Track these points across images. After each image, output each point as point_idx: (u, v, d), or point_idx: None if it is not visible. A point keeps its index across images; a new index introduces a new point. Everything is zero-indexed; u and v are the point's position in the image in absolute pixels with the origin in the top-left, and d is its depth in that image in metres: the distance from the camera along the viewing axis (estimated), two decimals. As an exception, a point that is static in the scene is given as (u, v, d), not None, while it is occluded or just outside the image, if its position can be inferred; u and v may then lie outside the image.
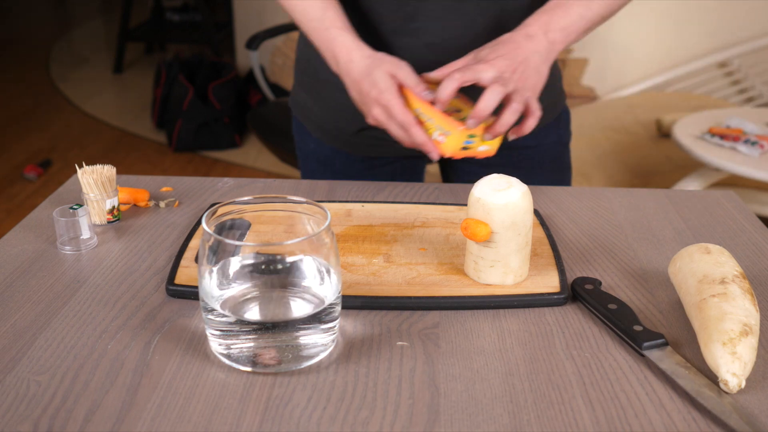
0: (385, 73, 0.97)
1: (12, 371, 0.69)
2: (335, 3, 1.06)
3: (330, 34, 1.03)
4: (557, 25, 1.01)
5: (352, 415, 0.63)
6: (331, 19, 1.04)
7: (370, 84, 0.98)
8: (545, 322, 0.77)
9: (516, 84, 0.96)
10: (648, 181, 2.76)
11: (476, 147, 0.99)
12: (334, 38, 1.02)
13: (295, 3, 1.07)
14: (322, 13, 1.04)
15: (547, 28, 1.00)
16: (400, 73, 0.97)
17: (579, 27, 1.03)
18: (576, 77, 3.70)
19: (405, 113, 0.96)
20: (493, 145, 1.00)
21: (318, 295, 0.70)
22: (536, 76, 0.99)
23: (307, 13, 1.06)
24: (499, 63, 0.96)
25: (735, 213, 1.03)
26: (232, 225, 0.77)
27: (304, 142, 1.29)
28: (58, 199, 1.05)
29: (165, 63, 3.77)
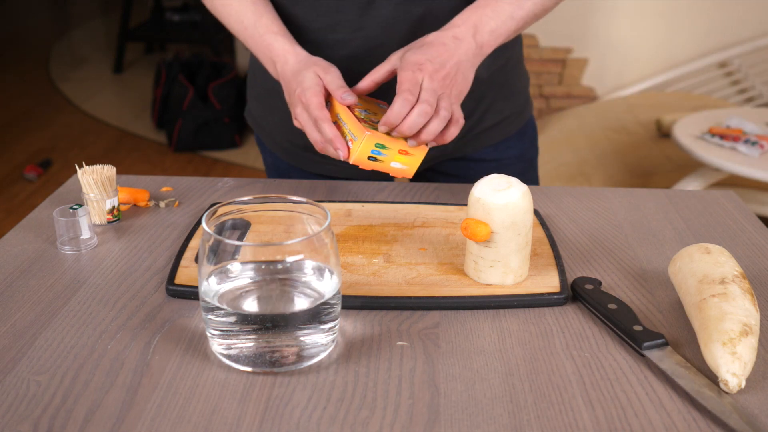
0: (313, 74, 0.95)
1: (12, 371, 0.69)
2: (269, 8, 1.04)
3: (266, 40, 1.01)
4: (486, 27, 0.96)
5: (352, 415, 0.63)
6: (266, 25, 1.02)
7: (297, 83, 0.96)
8: (545, 322, 0.77)
9: (443, 90, 0.91)
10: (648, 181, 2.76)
11: (388, 162, 0.93)
12: (271, 44, 1.01)
13: (229, 12, 1.05)
14: (256, 20, 1.02)
15: (476, 30, 0.95)
16: (327, 77, 0.95)
17: (509, 28, 0.98)
18: (576, 77, 3.70)
19: (321, 110, 0.93)
20: (409, 164, 0.93)
21: (317, 290, 0.70)
22: (463, 82, 0.94)
23: (241, 22, 1.04)
24: (428, 67, 0.90)
25: (735, 213, 1.03)
26: (232, 225, 0.77)
27: (264, 153, 1.27)
28: (58, 199, 1.05)
29: (165, 63, 3.77)
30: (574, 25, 3.60)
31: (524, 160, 1.23)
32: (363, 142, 0.90)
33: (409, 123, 0.88)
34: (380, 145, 0.91)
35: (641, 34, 3.61)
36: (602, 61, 3.67)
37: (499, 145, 1.19)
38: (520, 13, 0.98)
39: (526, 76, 1.24)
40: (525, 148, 1.23)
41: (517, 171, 1.21)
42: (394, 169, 0.93)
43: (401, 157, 0.92)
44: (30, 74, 4.80)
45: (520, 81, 1.21)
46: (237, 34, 1.07)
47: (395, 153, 0.92)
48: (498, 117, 1.16)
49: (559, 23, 3.59)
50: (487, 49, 0.97)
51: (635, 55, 3.65)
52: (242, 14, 1.03)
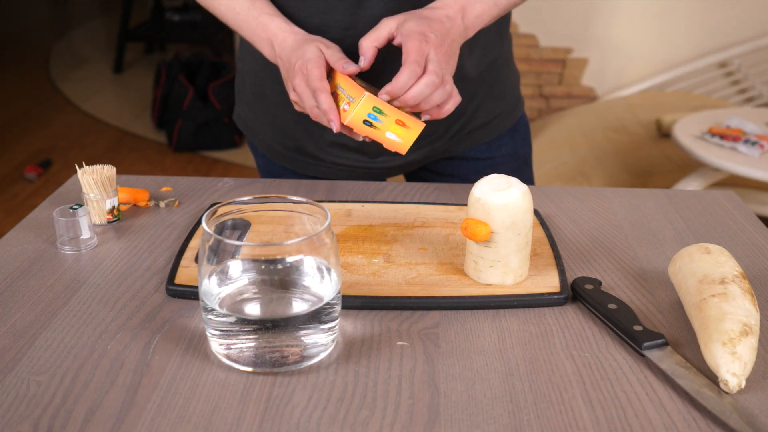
0: (315, 47, 0.95)
1: (12, 371, 0.69)
2: None
3: (262, 21, 1.01)
4: (473, 12, 0.96)
5: (352, 415, 0.63)
6: (260, 7, 1.01)
7: (297, 56, 0.95)
8: (545, 322, 0.77)
9: (445, 65, 0.91)
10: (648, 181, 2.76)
11: (384, 130, 0.90)
12: (267, 24, 1.00)
13: (220, 1, 1.04)
14: (250, 4, 1.02)
15: (464, 13, 0.96)
16: (328, 51, 0.94)
17: (491, 14, 0.99)
18: (576, 77, 3.70)
19: (321, 81, 0.92)
20: (404, 138, 0.91)
21: (317, 294, 0.70)
22: (455, 60, 0.94)
23: (233, 8, 1.03)
24: (433, 40, 0.90)
25: (735, 213, 1.03)
26: (232, 225, 0.77)
27: (256, 156, 1.27)
28: (58, 199, 1.05)
29: (165, 63, 3.77)
30: (574, 25, 3.60)
31: (517, 158, 1.23)
32: (361, 102, 0.88)
33: (415, 92, 0.88)
34: (377, 109, 0.89)
35: (641, 34, 3.61)
36: (602, 61, 3.67)
37: (492, 144, 1.19)
38: (503, 0, 0.99)
39: (516, 74, 1.24)
40: (518, 145, 1.23)
41: (511, 168, 1.21)
42: (388, 140, 0.91)
43: (397, 128, 0.90)
44: (30, 74, 4.80)
45: (510, 79, 1.21)
46: (229, 22, 1.05)
47: (392, 122, 0.90)
48: (489, 115, 1.17)
49: (559, 23, 3.59)
50: (471, 31, 0.97)
51: (635, 55, 3.65)
52: (234, 1, 1.03)
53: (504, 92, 1.18)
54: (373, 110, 0.89)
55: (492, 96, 1.16)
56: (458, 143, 1.16)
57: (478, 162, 1.19)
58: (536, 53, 3.64)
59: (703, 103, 3.34)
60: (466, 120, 1.15)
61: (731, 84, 3.65)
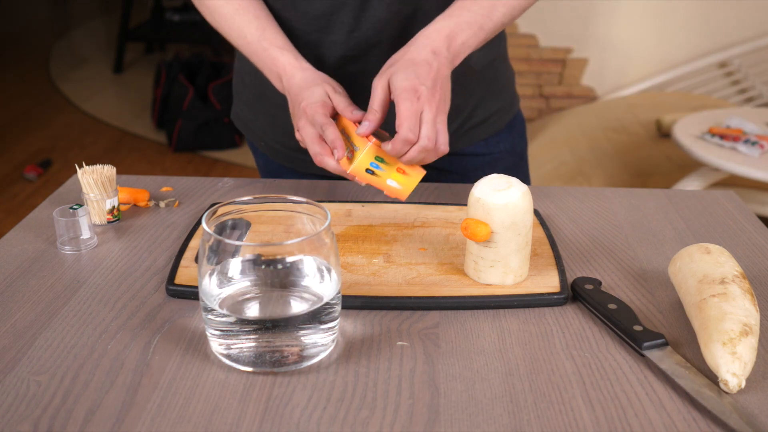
0: (323, 91, 0.95)
1: (12, 371, 0.69)
2: (271, 21, 1.03)
3: (271, 54, 1.00)
4: (459, 39, 0.95)
5: (352, 415, 0.63)
6: (269, 39, 1.01)
7: (304, 96, 0.95)
8: (545, 322, 0.77)
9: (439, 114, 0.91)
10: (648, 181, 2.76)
11: (385, 178, 0.92)
12: (276, 58, 1.00)
13: (231, 27, 1.04)
14: (260, 34, 1.01)
15: (450, 42, 0.95)
16: (336, 97, 0.95)
17: (478, 39, 0.98)
18: (576, 77, 3.70)
19: (326, 118, 0.93)
20: (405, 185, 0.93)
21: (317, 294, 0.70)
22: (448, 97, 0.94)
23: (244, 37, 1.02)
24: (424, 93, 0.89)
25: (735, 213, 1.03)
26: (232, 225, 0.77)
27: (256, 155, 1.27)
28: (58, 199, 1.05)
29: (165, 63, 3.77)
30: (574, 25, 3.60)
31: (515, 154, 1.24)
32: (365, 152, 0.91)
33: (408, 158, 0.90)
34: (380, 158, 0.92)
35: (641, 34, 3.61)
36: (602, 61, 3.66)
37: (490, 140, 1.19)
38: (489, 24, 0.98)
39: (511, 71, 1.25)
40: (515, 141, 1.24)
41: (508, 164, 1.22)
42: (389, 187, 0.93)
43: (398, 175, 0.93)
44: (30, 74, 4.80)
45: (507, 76, 1.21)
46: (240, 48, 1.06)
47: (393, 170, 0.93)
48: (487, 113, 1.17)
49: (559, 23, 3.59)
50: (457, 60, 0.97)
51: (635, 55, 3.65)
52: (245, 29, 1.02)
53: (501, 89, 1.19)
54: (375, 159, 0.92)
55: (490, 93, 1.16)
56: (457, 141, 1.17)
57: (476, 158, 1.20)
58: (536, 53, 3.64)
59: (703, 103, 3.34)
60: (465, 118, 1.15)
61: (731, 84, 3.65)
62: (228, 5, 1.03)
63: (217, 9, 1.05)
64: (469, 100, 1.13)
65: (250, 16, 1.03)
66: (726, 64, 3.62)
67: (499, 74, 1.18)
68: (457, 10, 0.97)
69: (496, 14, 0.98)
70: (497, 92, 1.18)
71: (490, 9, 0.98)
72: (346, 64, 1.06)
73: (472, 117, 1.16)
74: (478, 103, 1.16)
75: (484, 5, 0.97)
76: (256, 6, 1.04)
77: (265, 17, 1.03)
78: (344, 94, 0.97)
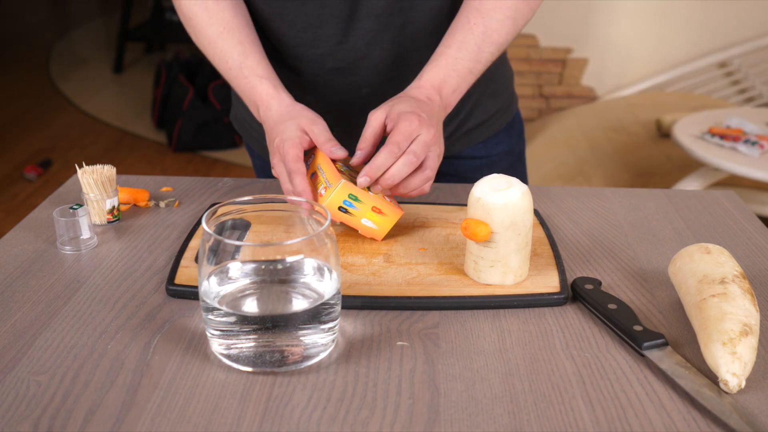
0: (296, 125, 0.92)
1: (12, 371, 0.69)
2: (255, 47, 1.01)
3: (250, 83, 0.98)
4: (449, 87, 0.95)
5: (352, 415, 0.63)
6: (250, 66, 0.99)
7: (277, 132, 0.93)
8: (545, 322, 0.77)
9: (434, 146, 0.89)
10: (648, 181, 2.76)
11: (359, 217, 0.89)
12: (254, 87, 0.98)
13: (214, 51, 1.02)
14: (242, 60, 0.99)
15: (441, 91, 0.95)
16: (314, 129, 0.92)
17: (468, 83, 0.98)
18: (576, 77, 3.70)
19: (296, 163, 0.89)
20: (380, 225, 0.90)
21: (317, 291, 0.70)
22: (441, 140, 0.92)
23: (226, 61, 1.01)
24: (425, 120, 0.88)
25: (735, 213, 1.03)
26: (232, 225, 0.77)
27: (252, 157, 1.26)
28: (58, 199, 1.05)
29: (165, 63, 3.77)
30: (574, 25, 3.60)
31: (513, 155, 1.24)
32: (337, 189, 0.87)
33: (392, 172, 0.86)
34: (353, 196, 0.88)
35: (641, 34, 3.61)
36: (602, 61, 3.67)
37: (488, 142, 1.19)
38: (478, 66, 0.98)
39: (510, 71, 1.24)
40: (513, 143, 1.23)
41: (507, 166, 1.22)
42: (364, 227, 0.90)
43: (373, 215, 0.89)
44: (30, 74, 4.80)
45: (505, 77, 1.21)
46: (222, 74, 1.04)
47: (368, 209, 0.89)
48: (485, 115, 1.17)
49: (559, 23, 3.59)
50: (450, 108, 0.97)
51: (635, 55, 3.65)
52: (227, 54, 1.01)
53: (499, 90, 1.19)
54: (348, 197, 0.88)
55: (488, 95, 1.16)
56: (455, 143, 1.17)
57: (474, 161, 1.20)
58: (536, 53, 3.64)
59: (703, 103, 3.34)
60: (461, 120, 1.15)
61: (731, 84, 3.65)
62: (212, 28, 1.01)
63: (201, 30, 1.03)
64: (465, 102, 1.12)
65: (234, 40, 1.00)
66: (726, 64, 3.62)
67: (498, 75, 1.17)
68: (444, 59, 0.96)
69: (484, 55, 0.98)
70: (495, 93, 1.18)
71: (477, 52, 0.97)
72: (336, 77, 1.06)
73: (470, 119, 1.16)
74: (476, 105, 1.15)
75: (470, 50, 0.96)
76: (242, 30, 1.01)
77: (250, 42, 1.01)
78: (323, 126, 0.93)
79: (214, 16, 1.01)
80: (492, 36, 0.97)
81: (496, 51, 0.99)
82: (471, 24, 0.97)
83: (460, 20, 0.98)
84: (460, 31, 0.97)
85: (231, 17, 1.01)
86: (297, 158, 0.89)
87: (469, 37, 0.97)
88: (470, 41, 0.96)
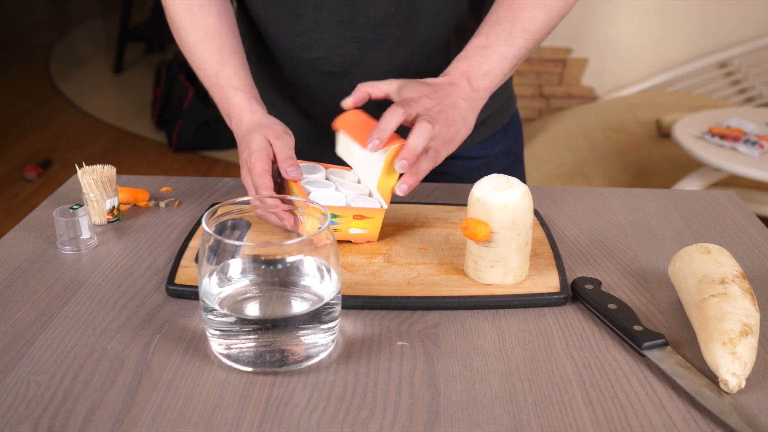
0: (262, 137, 0.90)
1: (12, 371, 0.69)
2: (234, 56, 1.00)
3: (225, 93, 0.98)
4: (479, 72, 0.92)
5: (352, 415, 0.63)
6: (227, 76, 0.98)
7: (245, 144, 0.91)
8: (545, 322, 0.77)
9: (440, 129, 0.86)
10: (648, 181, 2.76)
11: (345, 229, 0.87)
12: (229, 98, 0.97)
13: (194, 56, 1.01)
14: (219, 69, 0.98)
15: (469, 76, 0.92)
16: (277, 144, 0.89)
17: (504, 68, 0.94)
18: (576, 77, 3.70)
19: (262, 177, 0.87)
20: (369, 227, 0.88)
21: (318, 293, 0.70)
22: (462, 124, 0.89)
23: (204, 67, 1.00)
24: (425, 102, 0.86)
25: (735, 213, 1.03)
26: (232, 225, 0.77)
27: None
28: (58, 199, 1.05)
29: (165, 63, 3.77)
30: (574, 25, 3.60)
31: (510, 155, 1.23)
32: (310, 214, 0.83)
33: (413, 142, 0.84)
34: (334, 215, 0.86)
35: (641, 34, 3.61)
36: (602, 61, 3.67)
37: (486, 142, 1.19)
38: (512, 51, 0.95)
39: None
40: (511, 143, 1.23)
41: (504, 166, 1.21)
42: (354, 236, 0.89)
43: (358, 222, 0.88)
44: (30, 74, 4.80)
45: None
46: (201, 80, 1.03)
47: (350, 219, 0.87)
48: (482, 115, 1.16)
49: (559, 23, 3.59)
50: (484, 92, 0.93)
51: (635, 55, 3.65)
52: (206, 61, 1.00)
53: (498, 91, 1.18)
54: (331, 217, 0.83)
55: None
56: None
57: (471, 161, 1.20)
58: (536, 53, 3.64)
59: (703, 103, 3.34)
60: None
61: (731, 84, 3.66)
62: (194, 33, 1.01)
63: (183, 35, 1.03)
64: None
65: (214, 47, 1.00)
66: (726, 64, 3.62)
67: None
68: (472, 47, 0.95)
69: (516, 41, 0.95)
70: (493, 94, 1.17)
71: (508, 38, 0.95)
72: (330, 81, 1.06)
73: None
74: None
75: (500, 36, 0.94)
76: (224, 37, 1.00)
77: (229, 51, 1.00)
78: (287, 142, 0.90)
79: (197, 21, 1.01)
80: (523, 23, 0.95)
81: (529, 38, 0.96)
82: (500, 17, 0.96)
83: (490, 16, 0.97)
84: (488, 24, 0.96)
85: (214, 23, 1.00)
86: (263, 172, 0.87)
87: (497, 27, 0.95)
88: (498, 30, 0.94)
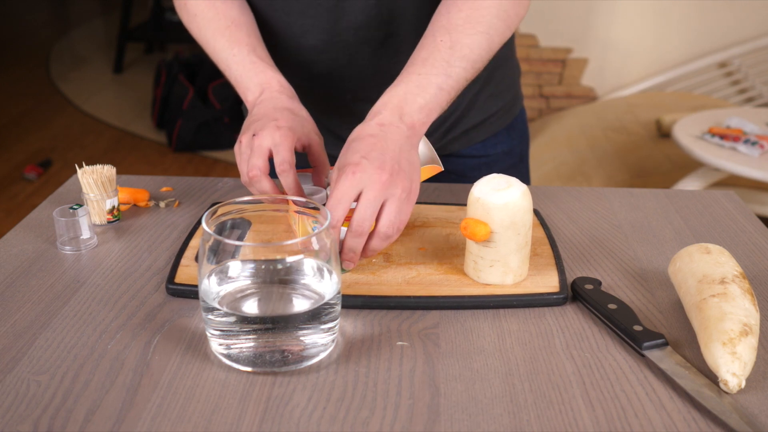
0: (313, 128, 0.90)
1: (12, 371, 0.69)
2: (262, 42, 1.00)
3: (260, 67, 0.95)
4: (414, 106, 0.84)
5: (352, 415, 0.63)
6: (260, 55, 0.97)
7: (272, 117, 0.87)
8: (545, 322, 0.77)
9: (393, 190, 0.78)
10: (648, 181, 2.76)
11: None
12: (264, 71, 0.95)
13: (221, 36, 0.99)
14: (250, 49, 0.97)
15: (401, 112, 0.83)
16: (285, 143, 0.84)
17: (441, 100, 0.86)
18: (576, 77, 3.70)
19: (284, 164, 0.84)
20: None
21: (317, 292, 0.70)
22: (410, 167, 0.80)
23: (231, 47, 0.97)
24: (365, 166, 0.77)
25: (735, 213, 1.03)
26: (232, 225, 0.77)
27: None
28: (58, 199, 1.05)
29: (165, 63, 3.77)
30: (574, 25, 3.60)
31: (513, 156, 1.22)
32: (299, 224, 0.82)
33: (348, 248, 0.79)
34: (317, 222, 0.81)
35: (641, 34, 3.61)
36: (602, 61, 3.67)
37: (487, 142, 1.19)
38: (449, 81, 0.86)
39: (516, 70, 1.21)
40: (514, 143, 1.22)
41: (506, 166, 1.21)
42: None
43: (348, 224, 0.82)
44: (30, 74, 4.80)
45: (509, 77, 1.19)
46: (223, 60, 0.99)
47: None
48: (484, 115, 1.16)
49: (559, 23, 3.59)
50: (420, 127, 0.85)
51: (635, 55, 3.65)
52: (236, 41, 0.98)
53: (500, 91, 1.17)
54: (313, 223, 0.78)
55: (487, 95, 1.15)
56: (452, 143, 1.17)
57: (473, 159, 1.19)
58: (536, 53, 3.64)
59: (703, 103, 3.34)
60: (456, 119, 1.14)
61: (731, 84, 3.65)
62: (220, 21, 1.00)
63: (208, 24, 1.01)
64: (460, 101, 1.11)
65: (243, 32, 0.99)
66: (726, 64, 3.62)
67: (498, 75, 1.16)
68: (406, 76, 0.87)
69: (454, 70, 0.87)
70: (496, 94, 1.17)
71: (446, 67, 0.87)
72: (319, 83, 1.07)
73: (466, 119, 1.15)
74: (471, 104, 1.14)
75: (437, 65, 0.87)
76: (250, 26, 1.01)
77: (257, 37, 1.00)
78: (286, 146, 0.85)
79: (222, 12, 1.01)
80: (462, 50, 0.88)
81: (469, 66, 0.89)
82: (437, 41, 0.89)
83: (426, 39, 0.90)
84: (425, 49, 0.89)
85: (238, 15, 1.02)
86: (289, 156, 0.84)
87: (435, 54, 0.88)
88: (436, 57, 0.87)
